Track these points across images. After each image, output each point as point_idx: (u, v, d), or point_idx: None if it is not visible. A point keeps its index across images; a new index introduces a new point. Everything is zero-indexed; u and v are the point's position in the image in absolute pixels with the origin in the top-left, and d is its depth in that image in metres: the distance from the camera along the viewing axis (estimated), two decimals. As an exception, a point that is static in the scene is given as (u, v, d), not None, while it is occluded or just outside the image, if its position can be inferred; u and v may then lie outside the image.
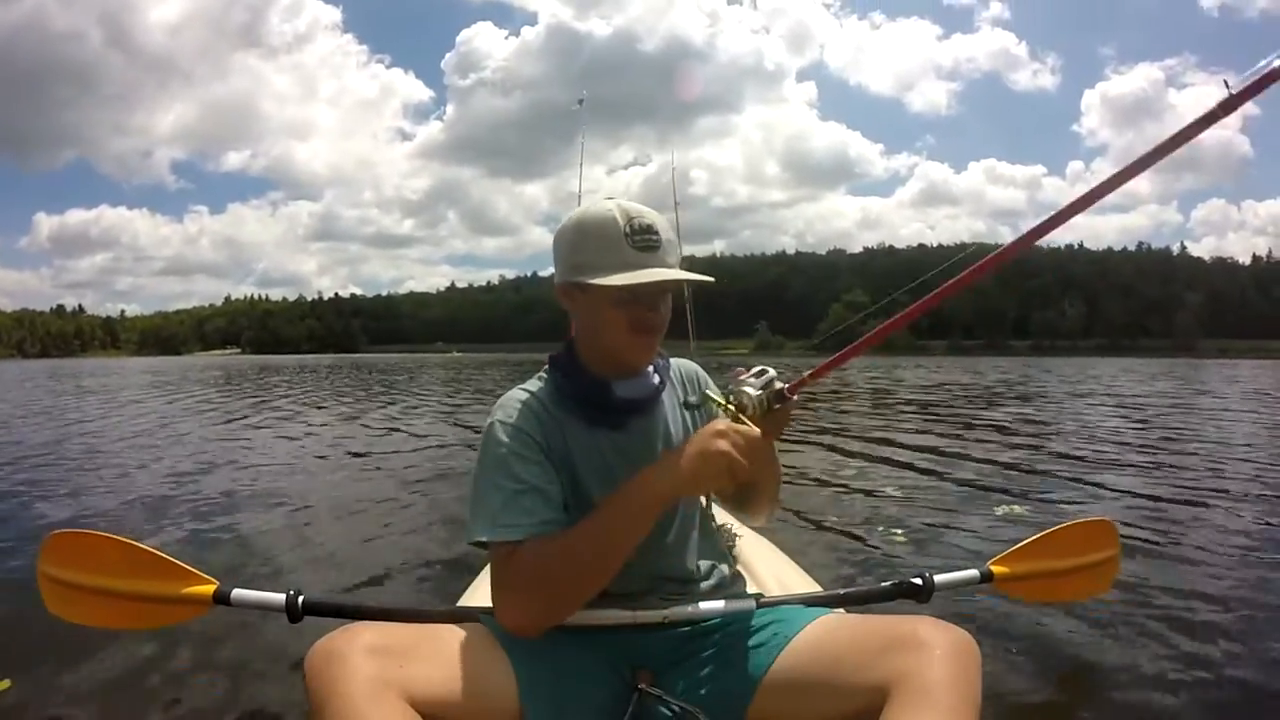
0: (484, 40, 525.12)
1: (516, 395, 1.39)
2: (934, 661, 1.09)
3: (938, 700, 1.05)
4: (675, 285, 1.35)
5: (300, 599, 1.57)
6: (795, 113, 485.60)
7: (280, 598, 1.58)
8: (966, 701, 1.07)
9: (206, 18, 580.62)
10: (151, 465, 6.65)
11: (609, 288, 1.27)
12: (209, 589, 1.63)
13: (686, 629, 1.37)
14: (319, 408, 13.89)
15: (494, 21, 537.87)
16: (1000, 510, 4.51)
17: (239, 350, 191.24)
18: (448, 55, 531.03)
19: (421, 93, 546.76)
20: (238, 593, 1.61)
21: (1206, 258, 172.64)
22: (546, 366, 1.45)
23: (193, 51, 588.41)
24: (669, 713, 1.24)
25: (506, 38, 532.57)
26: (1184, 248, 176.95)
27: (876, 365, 37.16)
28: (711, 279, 1.39)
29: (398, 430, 9.78)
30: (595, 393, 1.39)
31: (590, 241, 1.32)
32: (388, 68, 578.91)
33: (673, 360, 1.54)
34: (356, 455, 7.43)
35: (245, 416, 11.90)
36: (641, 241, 1.29)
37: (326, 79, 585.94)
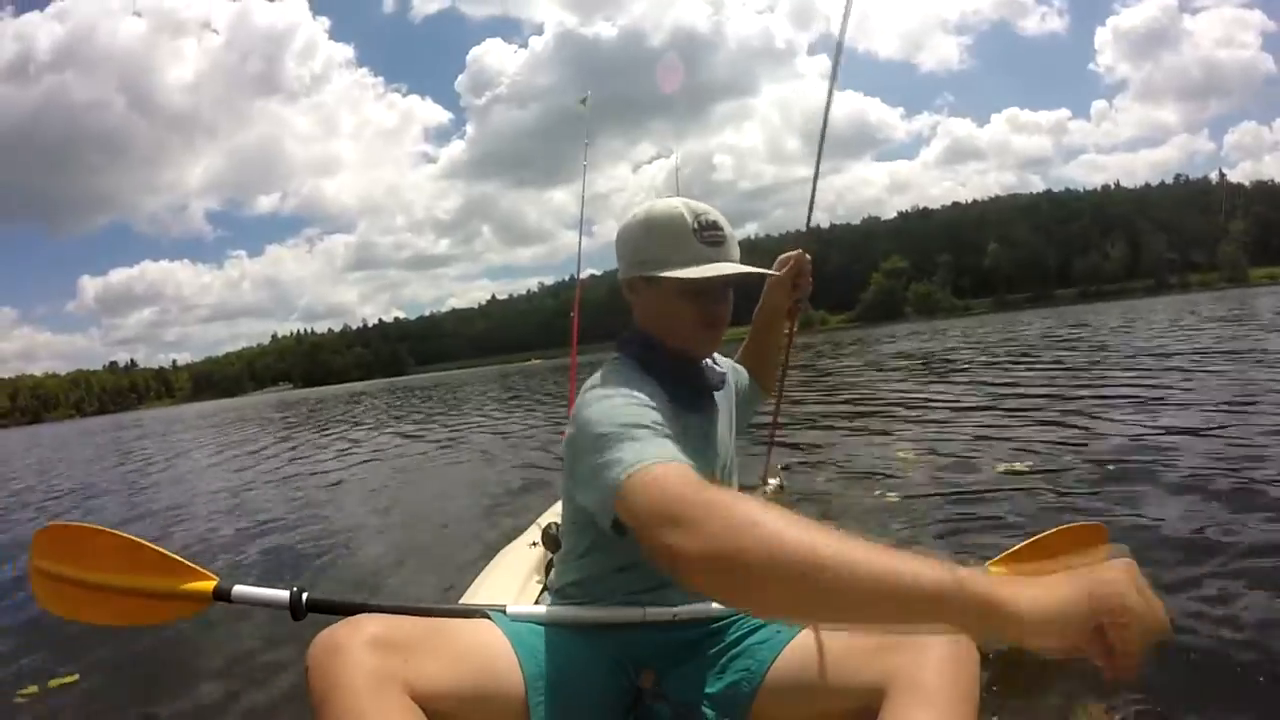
0: (494, 57, 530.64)
1: (611, 370, 1.35)
2: (931, 660, 1.08)
3: (934, 698, 1.04)
4: (739, 279, 1.37)
5: (304, 596, 1.51)
6: (811, 87, 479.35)
7: (283, 594, 1.52)
8: (964, 700, 1.06)
9: (223, 72, 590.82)
10: (170, 477, 6.80)
11: (679, 280, 1.31)
12: (208, 585, 1.58)
13: (690, 630, 1.37)
14: (356, 425, 14.18)
15: (502, 37, 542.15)
16: (1007, 506, 4.43)
17: (290, 385, 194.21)
18: (460, 76, 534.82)
19: (440, 115, 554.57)
20: (239, 589, 1.56)
21: (1246, 183, 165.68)
22: (617, 355, 1.43)
23: (213, 105, 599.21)
24: (671, 712, 1.24)
25: (516, 51, 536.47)
26: (1222, 175, 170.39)
27: (895, 335, 36.48)
28: (777, 273, 1.50)
29: (412, 437, 9.92)
30: (688, 371, 1.42)
31: (658, 237, 1.35)
32: (404, 95, 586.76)
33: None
34: (366, 461, 7.58)
35: (277, 441, 12.20)
36: (710, 237, 1.33)
37: (346, 114, 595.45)
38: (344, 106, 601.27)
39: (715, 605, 1.37)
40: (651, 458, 1.04)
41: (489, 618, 1.29)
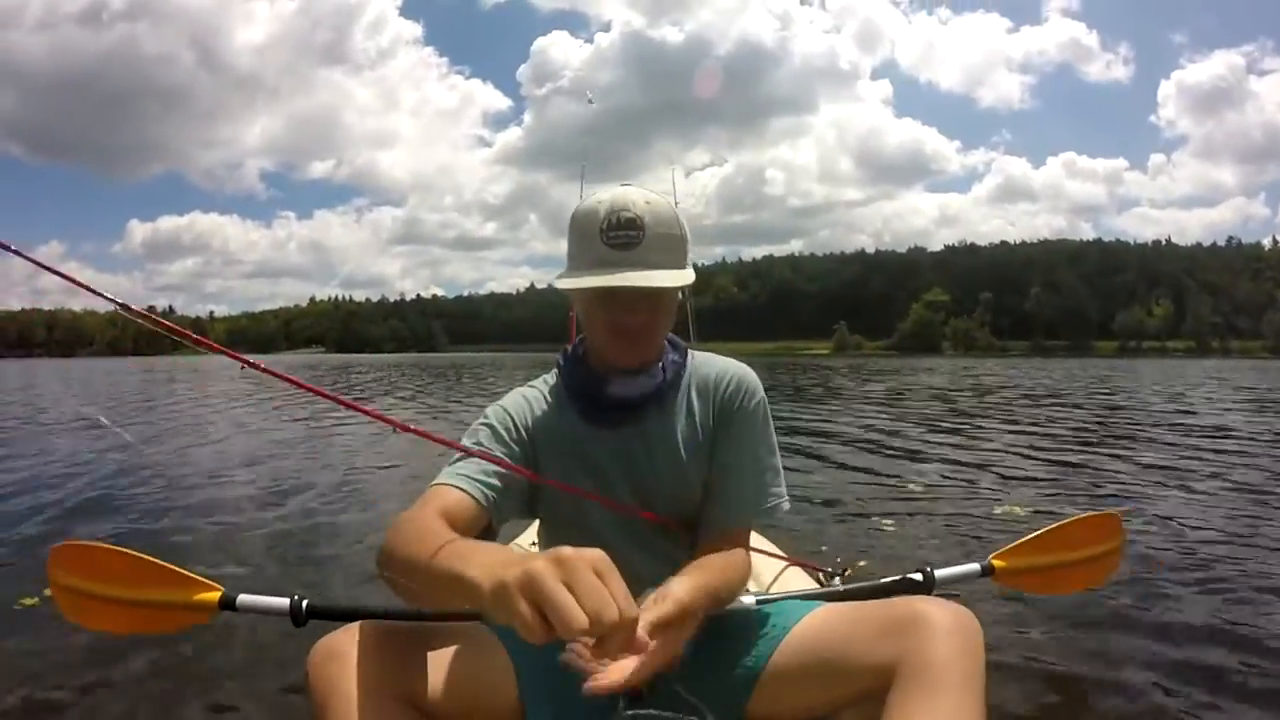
0: (559, 49, 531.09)
1: (522, 388, 1.43)
2: (936, 639, 1.07)
3: (943, 678, 1.04)
4: (629, 292, 1.24)
5: (304, 603, 1.56)
6: (870, 111, 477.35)
7: (284, 602, 1.57)
8: (971, 678, 1.06)
9: (292, 38, 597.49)
10: (176, 470, 6.77)
11: (571, 290, 1.26)
12: (214, 595, 1.63)
13: None
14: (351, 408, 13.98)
15: (569, 30, 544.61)
16: (1002, 510, 4.44)
17: (323, 349, 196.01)
18: (523, 66, 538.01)
19: (500, 102, 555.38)
20: (243, 598, 1.62)
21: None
22: (559, 364, 1.45)
23: (279, 69, 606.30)
24: (669, 712, 1.21)
25: (581, 46, 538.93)
26: (1276, 242, 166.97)
27: (934, 368, 36.08)
28: (680, 282, 1.26)
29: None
30: (591, 389, 1.37)
31: (573, 237, 1.29)
32: (467, 78, 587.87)
33: (703, 358, 1.47)
34: (367, 459, 7.33)
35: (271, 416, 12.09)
36: (617, 238, 1.22)
37: (408, 91, 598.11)
38: (406, 83, 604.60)
39: None
40: (442, 479, 1.25)
41: (483, 620, 1.27)
